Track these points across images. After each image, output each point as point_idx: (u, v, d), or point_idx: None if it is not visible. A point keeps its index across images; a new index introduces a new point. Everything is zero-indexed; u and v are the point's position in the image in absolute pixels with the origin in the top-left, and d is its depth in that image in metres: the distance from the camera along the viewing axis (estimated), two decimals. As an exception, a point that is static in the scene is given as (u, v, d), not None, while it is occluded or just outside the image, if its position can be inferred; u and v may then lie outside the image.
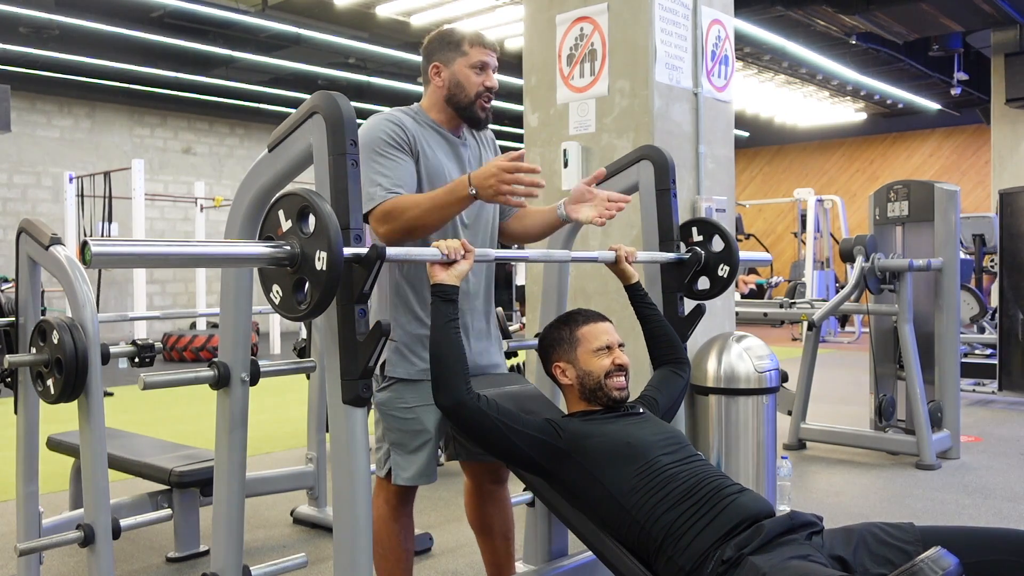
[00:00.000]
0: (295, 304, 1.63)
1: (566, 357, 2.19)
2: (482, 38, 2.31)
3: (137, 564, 3.29)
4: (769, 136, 16.36)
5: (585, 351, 2.17)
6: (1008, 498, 4.02)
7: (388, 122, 2.22)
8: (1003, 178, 10.70)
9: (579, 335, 2.19)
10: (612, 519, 1.96)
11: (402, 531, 2.31)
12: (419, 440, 2.24)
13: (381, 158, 2.15)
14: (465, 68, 2.27)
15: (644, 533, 1.90)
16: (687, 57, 3.86)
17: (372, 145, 2.16)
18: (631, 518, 1.92)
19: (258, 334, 10.89)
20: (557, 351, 2.22)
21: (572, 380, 2.18)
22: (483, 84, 2.27)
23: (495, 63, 2.31)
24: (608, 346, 2.17)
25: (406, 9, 8.16)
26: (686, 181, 3.84)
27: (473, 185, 2.02)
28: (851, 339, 11.44)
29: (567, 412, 2.22)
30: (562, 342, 2.21)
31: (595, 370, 2.14)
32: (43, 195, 12.18)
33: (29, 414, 2.52)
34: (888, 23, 9.03)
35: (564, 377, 2.20)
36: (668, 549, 1.86)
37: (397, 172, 2.15)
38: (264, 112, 13.12)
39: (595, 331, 2.19)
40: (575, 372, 2.18)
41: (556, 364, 2.22)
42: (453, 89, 2.27)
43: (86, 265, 1.43)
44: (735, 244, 2.55)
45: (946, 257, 4.86)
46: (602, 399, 2.14)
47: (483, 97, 2.28)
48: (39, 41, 9.62)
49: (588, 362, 2.16)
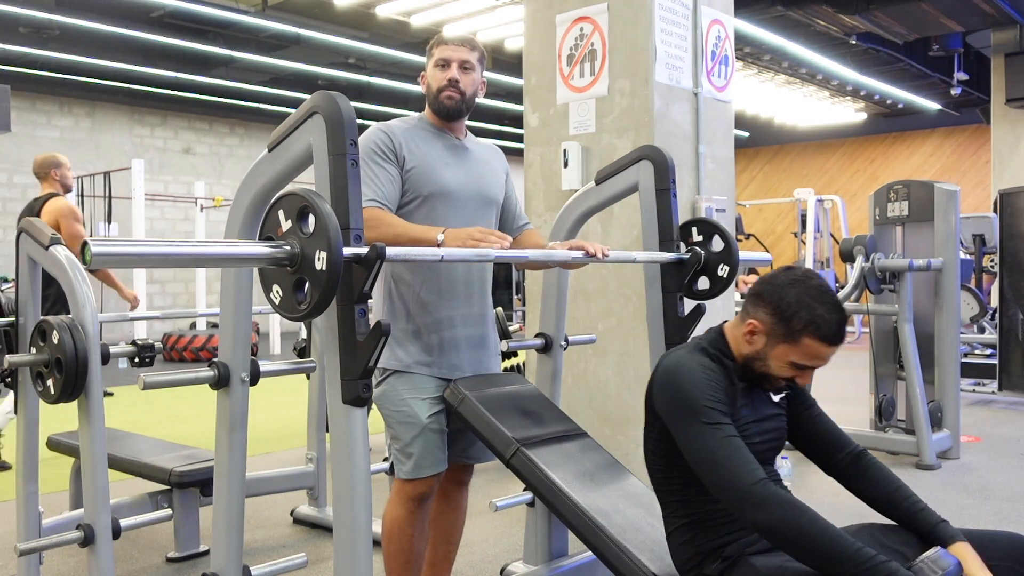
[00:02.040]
0: (295, 304, 1.63)
1: (772, 334, 1.84)
2: (446, 36, 2.41)
3: (137, 564, 3.29)
4: (769, 136, 16.35)
5: (788, 355, 1.85)
6: (1008, 498, 4.02)
7: (378, 131, 2.33)
8: (1003, 178, 10.69)
9: (802, 342, 1.82)
10: (668, 482, 1.94)
11: (415, 533, 2.32)
12: (412, 432, 2.27)
13: (367, 167, 2.25)
14: (432, 68, 2.40)
15: (683, 506, 1.91)
16: (687, 57, 3.86)
17: (363, 155, 2.23)
18: (685, 490, 1.91)
19: (258, 334, 10.90)
20: (772, 319, 1.84)
21: (749, 347, 1.89)
22: (445, 79, 2.36)
23: (462, 56, 2.37)
24: (807, 368, 1.88)
25: (406, 9, 8.15)
26: (686, 181, 3.84)
27: (444, 237, 2.11)
28: (851, 339, 11.44)
29: (727, 347, 1.94)
30: (783, 322, 1.82)
31: (777, 373, 1.88)
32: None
33: (29, 414, 2.52)
34: (888, 23, 9.02)
35: (749, 335, 1.88)
36: (694, 531, 1.90)
37: (379, 182, 2.26)
38: (264, 112, 13.13)
39: (817, 351, 1.83)
40: (758, 350, 1.87)
41: (759, 322, 1.86)
42: (427, 91, 2.42)
43: (86, 265, 1.43)
44: (735, 244, 2.55)
45: (946, 257, 4.87)
46: (754, 382, 1.92)
47: (444, 90, 2.36)
48: (39, 41, 9.62)
49: (779, 363, 1.86)
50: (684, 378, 1.84)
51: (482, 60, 2.46)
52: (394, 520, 2.31)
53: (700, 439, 1.77)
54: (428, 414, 2.28)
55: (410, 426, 2.27)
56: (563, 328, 2.82)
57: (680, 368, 1.87)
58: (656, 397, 1.90)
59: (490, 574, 3.13)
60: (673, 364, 1.89)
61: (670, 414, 1.85)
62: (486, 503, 2.72)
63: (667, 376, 1.88)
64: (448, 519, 2.53)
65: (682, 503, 1.93)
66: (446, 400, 2.32)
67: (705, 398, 1.80)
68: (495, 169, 2.52)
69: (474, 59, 2.40)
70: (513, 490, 3.14)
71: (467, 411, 2.29)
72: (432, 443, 2.28)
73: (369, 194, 2.19)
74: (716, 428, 1.77)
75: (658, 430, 1.92)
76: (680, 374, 1.85)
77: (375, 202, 2.21)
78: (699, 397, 1.80)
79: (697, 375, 1.84)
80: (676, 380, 1.85)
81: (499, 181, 2.51)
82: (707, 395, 1.81)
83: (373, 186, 2.23)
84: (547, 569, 2.70)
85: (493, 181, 2.49)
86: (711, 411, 1.79)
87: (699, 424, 1.78)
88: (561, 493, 2.15)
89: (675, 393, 1.84)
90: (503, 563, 2.96)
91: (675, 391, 1.84)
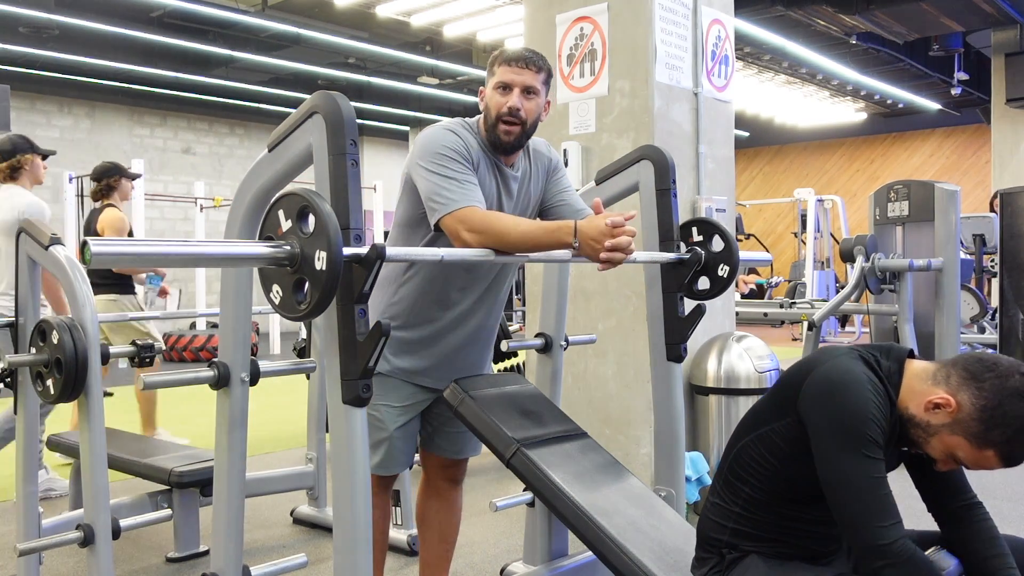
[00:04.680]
0: (295, 304, 1.63)
1: (960, 424, 1.65)
2: (510, 54, 2.17)
3: (137, 564, 3.29)
4: (769, 136, 16.35)
5: (959, 450, 1.67)
6: (1008, 498, 4.02)
7: (456, 137, 2.13)
8: (1003, 178, 10.69)
9: (984, 453, 1.65)
10: (758, 475, 1.80)
11: (380, 515, 2.30)
12: (379, 435, 2.28)
13: (456, 164, 2.08)
14: (491, 90, 2.18)
15: (754, 505, 1.81)
16: (687, 57, 3.86)
17: (441, 150, 2.09)
18: (770, 494, 1.80)
19: (258, 334, 10.89)
20: (974, 411, 1.63)
21: (922, 413, 1.69)
22: (505, 105, 2.14)
23: (527, 81, 2.15)
24: (962, 466, 1.73)
25: (406, 9, 8.15)
26: (686, 181, 3.84)
27: (578, 238, 1.96)
28: (851, 339, 11.42)
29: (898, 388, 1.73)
30: (982, 424, 1.63)
31: (929, 452, 1.72)
32: (43, 195, 12.11)
33: (29, 414, 2.52)
34: (888, 23, 9.02)
35: (934, 406, 1.67)
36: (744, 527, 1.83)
37: (473, 184, 2.08)
38: (264, 112, 13.14)
39: (988, 464, 1.67)
40: (931, 423, 1.68)
41: (956, 403, 1.65)
42: (484, 112, 2.20)
43: (86, 265, 1.43)
44: (735, 244, 2.55)
45: (946, 257, 4.87)
46: (896, 436, 1.74)
47: (503, 119, 2.14)
48: (39, 41, 9.62)
49: (942, 447, 1.69)
50: (854, 396, 1.66)
51: (548, 80, 2.22)
52: None
53: (850, 467, 1.63)
54: (397, 425, 2.28)
55: (378, 430, 2.27)
56: (563, 328, 2.82)
57: (851, 382, 1.67)
58: (808, 399, 1.70)
59: (490, 574, 3.12)
60: (843, 374, 1.69)
61: (822, 425, 1.67)
62: (486, 503, 2.72)
63: (832, 385, 1.69)
64: (443, 518, 2.52)
65: (756, 502, 1.82)
66: (446, 400, 2.32)
67: (871, 427, 1.64)
68: (539, 186, 2.34)
69: (539, 82, 2.17)
70: (513, 490, 3.14)
71: (467, 411, 2.29)
72: (397, 448, 2.31)
73: (471, 193, 2.04)
74: (872, 463, 1.63)
75: (786, 426, 1.74)
76: (851, 389, 1.66)
77: (476, 202, 2.03)
78: (865, 423, 1.64)
79: (869, 398, 1.66)
80: (844, 394, 1.67)
81: (539, 198, 2.36)
82: (874, 424, 1.64)
83: (470, 187, 2.05)
84: (547, 569, 2.69)
85: (536, 202, 2.36)
86: (872, 444, 1.63)
87: (855, 452, 1.63)
88: (561, 493, 2.15)
89: (838, 408, 1.66)
90: (503, 563, 2.96)
91: (839, 406, 1.66)
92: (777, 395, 1.81)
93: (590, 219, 1.99)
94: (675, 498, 2.53)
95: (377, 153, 15.39)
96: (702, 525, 1.91)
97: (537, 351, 2.82)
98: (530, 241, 2.00)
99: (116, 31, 9.27)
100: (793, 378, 1.77)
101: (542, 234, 2.01)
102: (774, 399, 1.81)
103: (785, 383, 1.79)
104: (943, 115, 14.41)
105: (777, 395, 1.81)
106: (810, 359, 1.78)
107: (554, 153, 2.40)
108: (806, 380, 1.72)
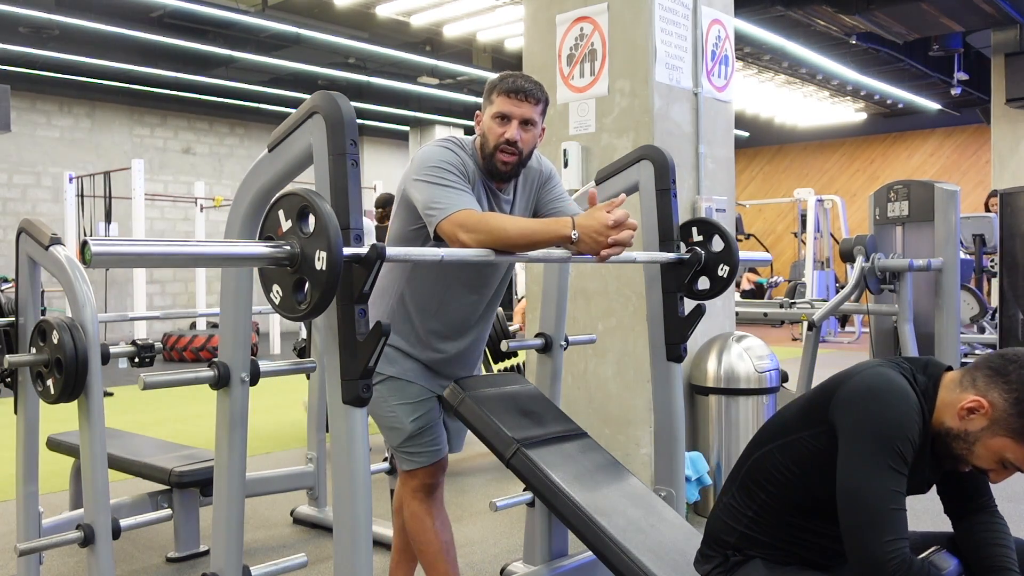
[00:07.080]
0: (295, 304, 1.63)
1: (998, 423, 1.63)
2: (510, 84, 2.20)
3: (137, 564, 3.29)
4: (769, 136, 16.35)
5: (1006, 450, 1.65)
6: (1008, 498, 4.01)
7: (455, 155, 2.17)
8: (1003, 178, 10.69)
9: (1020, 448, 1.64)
10: (778, 482, 1.78)
11: (435, 523, 2.33)
12: (400, 436, 2.32)
13: (452, 176, 2.11)
14: (489, 119, 2.21)
15: (768, 511, 1.81)
16: (687, 57, 3.86)
17: (437, 164, 2.12)
18: (786, 503, 1.79)
19: (258, 334, 10.89)
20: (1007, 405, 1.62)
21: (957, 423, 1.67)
22: (503, 136, 2.18)
23: (525, 113, 2.18)
24: (1014, 470, 1.70)
25: (406, 9, 8.15)
26: (686, 181, 3.84)
27: (577, 231, 1.98)
28: (851, 339, 11.43)
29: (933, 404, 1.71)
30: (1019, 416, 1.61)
31: (977, 463, 1.70)
32: (43, 195, 12.18)
33: (29, 414, 2.52)
34: (888, 23, 9.02)
35: (967, 411, 1.66)
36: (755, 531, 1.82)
37: (470, 194, 2.12)
38: (264, 112, 13.13)
39: None
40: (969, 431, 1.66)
41: (987, 403, 1.64)
42: (481, 139, 2.24)
43: (86, 265, 1.43)
44: (735, 244, 2.55)
45: (946, 257, 4.86)
46: (937, 455, 1.73)
47: (501, 149, 2.18)
48: (39, 41, 9.61)
49: (987, 454, 1.66)
50: (894, 407, 1.63)
51: (545, 110, 2.27)
52: (412, 516, 2.34)
53: (872, 475, 1.60)
54: (412, 418, 2.32)
55: (398, 431, 2.32)
56: (563, 328, 2.82)
57: (893, 393, 1.64)
58: (844, 403, 1.68)
59: (490, 574, 3.12)
60: (886, 382, 1.66)
61: (855, 429, 1.64)
62: (486, 503, 2.72)
63: (872, 392, 1.66)
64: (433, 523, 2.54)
65: (770, 509, 1.81)
66: (446, 400, 2.33)
67: (904, 441, 1.61)
68: (529, 203, 2.37)
69: (537, 114, 2.22)
70: (513, 490, 3.14)
71: (467, 411, 2.29)
72: (422, 440, 2.33)
73: (466, 199, 2.07)
74: (894, 477, 1.60)
75: (813, 436, 1.72)
76: (891, 400, 1.63)
77: (470, 206, 2.06)
78: (899, 436, 1.61)
79: (908, 410, 1.63)
80: (884, 402, 1.64)
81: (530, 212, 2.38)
82: (906, 437, 1.61)
83: (465, 194, 2.09)
84: (547, 569, 2.70)
85: (527, 214, 2.38)
86: (900, 458, 1.60)
87: (880, 460, 1.60)
88: (561, 493, 2.15)
89: (875, 416, 1.63)
90: (503, 563, 2.96)
91: (876, 413, 1.63)
92: (808, 405, 1.79)
93: (589, 212, 2.02)
94: (675, 498, 2.53)
95: (377, 153, 15.39)
96: (712, 523, 1.92)
97: (537, 351, 2.82)
98: (528, 237, 2.01)
99: (116, 31, 9.26)
100: (827, 389, 1.75)
101: (540, 228, 2.04)
102: (804, 409, 1.79)
103: (817, 393, 1.77)
104: (943, 115, 14.41)
105: (808, 405, 1.79)
106: (846, 371, 1.76)
107: (545, 163, 2.41)
108: (840, 388, 1.70)
